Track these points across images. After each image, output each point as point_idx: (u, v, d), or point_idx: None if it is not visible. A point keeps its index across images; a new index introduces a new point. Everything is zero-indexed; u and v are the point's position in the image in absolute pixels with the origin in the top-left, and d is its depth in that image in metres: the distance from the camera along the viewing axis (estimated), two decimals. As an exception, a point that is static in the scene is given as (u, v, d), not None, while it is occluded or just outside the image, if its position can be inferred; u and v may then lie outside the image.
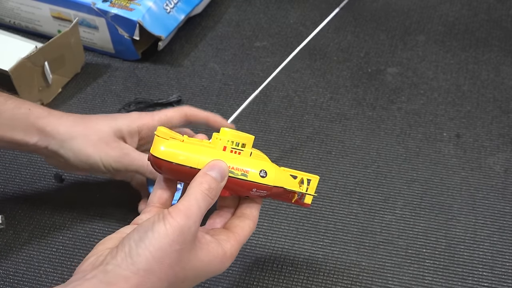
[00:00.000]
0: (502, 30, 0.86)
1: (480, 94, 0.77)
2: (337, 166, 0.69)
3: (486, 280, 0.58)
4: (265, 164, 0.48)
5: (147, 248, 0.42)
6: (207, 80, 0.81)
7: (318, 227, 0.63)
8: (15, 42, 0.79)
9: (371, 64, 0.82)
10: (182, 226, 0.42)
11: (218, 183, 0.46)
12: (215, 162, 0.46)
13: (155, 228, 0.42)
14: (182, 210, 0.43)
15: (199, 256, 0.44)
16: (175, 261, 0.42)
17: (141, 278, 0.41)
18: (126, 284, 0.41)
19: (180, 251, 0.42)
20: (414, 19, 0.89)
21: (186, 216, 0.43)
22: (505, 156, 0.69)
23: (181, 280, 0.44)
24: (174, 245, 0.42)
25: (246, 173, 0.47)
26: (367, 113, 0.75)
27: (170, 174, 0.47)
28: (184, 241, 0.42)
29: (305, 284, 0.59)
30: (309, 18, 0.89)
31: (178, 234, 0.42)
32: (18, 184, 0.69)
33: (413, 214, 0.64)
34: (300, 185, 0.51)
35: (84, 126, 0.58)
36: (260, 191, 0.48)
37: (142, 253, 0.42)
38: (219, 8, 0.92)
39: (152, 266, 0.42)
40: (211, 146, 0.48)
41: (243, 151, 0.48)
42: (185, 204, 0.43)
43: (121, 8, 0.79)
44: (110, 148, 0.57)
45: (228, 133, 0.48)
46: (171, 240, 0.42)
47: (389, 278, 0.59)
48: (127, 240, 0.42)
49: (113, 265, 0.42)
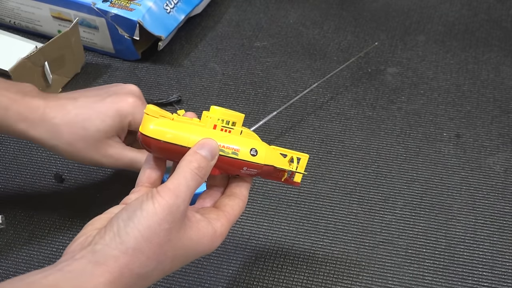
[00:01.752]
0: (502, 30, 0.86)
1: (480, 94, 0.77)
2: (337, 166, 0.69)
3: (486, 280, 0.58)
4: (256, 143, 0.48)
5: (136, 227, 0.41)
6: (207, 80, 0.81)
7: (318, 227, 0.63)
8: (15, 42, 0.79)
9: (371, 64, 0.82)
10: (171, 205, 0.42)
11: (208, 161, 0.45)
12: (205, 141, 0.46)
13: (143, 207, 0.42)
14: (171, 189, 0.43)
15: (189, 235, 0.44)
16: (164, 240, 0.42)
17: (130, 258, 0.41)
18: (115, 264, 0.41)
19: (169, 230, 0.42)
20: (414, 19, 0.89)
21: (175, 195, 0.42)
22: (505, 156, 0.69)
23: (171, 259, 0.44)
24: (163, 224, 0.42)
25: (237, 152, 0.47)
26: (367, 113, 0.75)
27: (159, 152, 0.47)
28: (173, 220, 0.42)
29: (305, 284, 0.59)
30: (309, 18, 0.89)
31: (167, 213, 0.42)
32: (18, 184, 0.69)
33: (413, 214, 0.64)
34: (290, 164, 0.51)
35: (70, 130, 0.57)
36: (251, 170, 0.48)
37: (130, 232, 0.41)
38: (219, 8, 0.92)
39: (141, 245, 0.41)
40: (201, 124, 0.47)
41: (233, 129, 0.48)
42: (174, 183, 0.43)
43: (121, 8, 0.79)
44: (100, 155, 0.57)
45: (218, 111, 0.47)
46: (160, 219, 0.42)
47: (389, 278, 0.59)
48: (116, 219, 0.42)
49: (101, 245, 0.41)
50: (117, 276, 0.41)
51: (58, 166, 0.70)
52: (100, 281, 0.40)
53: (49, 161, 0.71)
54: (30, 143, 0.73)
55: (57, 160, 0.71)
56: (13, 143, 0.73)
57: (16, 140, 0.73)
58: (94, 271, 0.40)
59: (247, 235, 0.63)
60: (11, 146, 0.73)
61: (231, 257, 0.61)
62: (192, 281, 0.59)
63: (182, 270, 0.60)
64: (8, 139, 0.74)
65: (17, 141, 0.73)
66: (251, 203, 0.66)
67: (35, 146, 0.73)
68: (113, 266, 0.41)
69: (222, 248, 0.62)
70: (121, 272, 0.41)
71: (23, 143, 0.73)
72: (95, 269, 0.40)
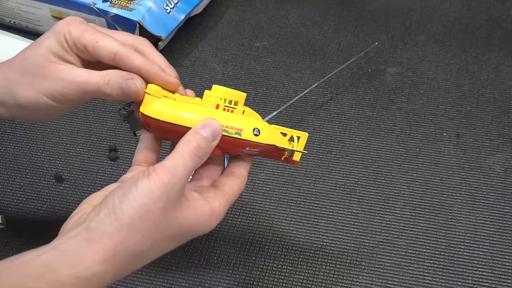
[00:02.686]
0: (502, 30, 0.86)
1: (480, 94, 0.77)
2: (337, 166, 0.69)
3: (486, 280, 0.58)
4: (258, 122, 0.48)
5: (131, 204, 0.41)
6: (207, 80, 0.81)
7: (318, 227, 0.63)
8: (15, 42, 0.79)
9: (371, 64, 0.82)
10: (167, 184, 0.41)
11: (209, 142, 0.44)
12: (208, 121, 0.45)
13: (139, 184, 0.41)
14: (168, 167, 0.42)
15: (185, 214, 0.43)
16: (160, 218, 0.42)
17: (125, 235, 0.41)
18: (109, 241, 0.40)
19: (164, 208, 0.42)
20: (414, 19, 0.88)
21: (172, 173, 0.42)
22: (505, 156, 0.69)
23: (166, 238, 0.43)
24: (158, 202, 0.41)
25: (240, 132, 0.47)
26: (367, 113, 0.75)
27: (161, 133, 0.47)
28: (169, 198, 0.42)
29: (305, 284, 0.59)
30: (309, 18, 0.89)
31: (162, 191, 0.41)
32: (18, 184, 0.69)
33: (413, 214, 0.64)
34: (290, 143, 0.51)
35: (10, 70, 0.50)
36: (253, 150, 0.48)
37: (125, 208, 0.41)
38: (219, 8, 0.92)
39: (135, 222, 0.41)
40: (204, 104, 0.47)
41: (235, 109, 0.48)
42: (171, 161, 0.42)
43: (121, 8, 0.79)
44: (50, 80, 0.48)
45: (220, 91, 0.47)
46: (155, 196, 0.41)
47: (389, 278, 0.59)
48: (111, 196, 0.42)
49: (96, 222, 0.41)
50: (112, 254, 0.40)
51: (58, 166, 0.70)
52: (95, 259, 0.40)
53: (49, 161, 0.71)
54: (30, 143, 0.73)
55: (57, 160, 0.71)
56: (13, 143, 0.73)
57: (16, 140, 0.73)
58: (88, 249, 0.40)
59: (247, 235, 0.63)
60: (11, 146, 0.73)
61: (231, 257, 0.61)
62: (192, 281, 0.59)
63: (182, 270, 0.60)
64: (8, 139, 0.74)
65: (17, 141, 0.73)
66: (251, 203, 0.66)
67: (35, 146, 0.73)
68: (108, 243, 0.40)
69: (222, 248, 0.62)
70: (116, 249, 0.40)
71: (23, 143, 0.73)
72: (89, 246, 0.40)
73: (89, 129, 0.75)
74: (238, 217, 0.65)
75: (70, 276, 0.39)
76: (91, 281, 0.40)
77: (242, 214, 0.65)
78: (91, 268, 0.40)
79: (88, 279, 0.39)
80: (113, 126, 0.75)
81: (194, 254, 0.61)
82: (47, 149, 0.72)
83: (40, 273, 0.39)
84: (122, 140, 0.73)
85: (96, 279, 0.40)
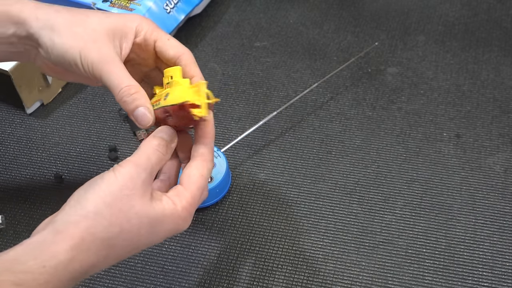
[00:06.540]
0: (502, 30, 0.86)
1: (480, 94, 0.77)
2: (337, 166, 0.69)
3: (486, 280, 0.58)
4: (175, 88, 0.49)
5: (96, 193, 0.42)
6: (207, 80, 0.81)
7: (318, 227, 0.63)
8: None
9: (371, 64, 0.82)
10: (131, 173, 0.43)
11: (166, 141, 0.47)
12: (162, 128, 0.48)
13: (104, 176, 0.43)
14: (131, 161, 0.44)
15: (154, 205, 0.44)
16: (127, 206, 0.42)
17: (91, 221, 0.41)
18: (75, 229, 0.41)
19: (130, 196, 0.43)
20: (414, 19, 0.89)
21: (135, 164, 0.44)
22: (505, 156, 0.69)
23: (137, 228, 0.43)
24: (124, 190, 0.42)
25: (159, 102, 0.49)
26: (367, 113, 0.75)
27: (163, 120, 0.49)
28: (134, 186, 0.43)
29: (305, 284, 0.59)
30: (309, 18, 0.89)
31: (127, 179, 0.43)
32: (18, 184, 0.69)
33: (413, 214, 0.64)
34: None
35: (70, 15, 0.50)
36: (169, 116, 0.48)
37: (90, 197, 0.42)
38: (219, 8, 0.92)
39: (101, 209, 0.42)
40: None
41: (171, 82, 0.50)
42: (135, 156, 0.45)
43: (121, 8, 0.79)
44: (95, 47, 0.48)
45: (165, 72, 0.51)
46: (120, 185, 0.42)
47: (389, 278, 0.59)
48: (77, 191, 0.44)
49: (61, 215, 0.42)
50: (78, 241, 0.41)
51: (58, 166, 0.70)
52: (62, 247, 0.40)
53: (49, 161, 0.71)
54: (30, 143, 0.73)
55: (57, 160, 0.71)
56: (13, 143, 0.73)
57: (16, 140, 0.73)
58: (54, 239, 0.41)
59: (247, 235, 0.63)
60: (11, 146, 0.73)
61: (231, 257, 0.61)
62: (192, 281, 0.59)
63: (182, 270, 0.60)
64: (8, 139, 0.74)
65: (17, 141, 0.73)
66: (251, 203, 0.66)
67: (35, 146, 0.73)
68: (74, 231, 0.41)
69: (222, 248, 0.62)
70: (82, 236, 0.41)
71: (23, 143, 0.73)
72: (55, 237, 0.41)
73: (89, 129, 0.75)
74: (238, 217, 0.65)
75: (37, 266, 0.40)
76: (58, 269, 0.40)
77: (242, 214, 0.65)
78: (57, 256, 0.40)
79: (55, 267, 0.40)
80: (113, 126, 0.75)
81: (194, 254, 0.62)
82: (47, 149, 0.72)
83: (7, 267, 0.40)
84: (122, 140, 0.73)
85: (63, 266, 0.40)
